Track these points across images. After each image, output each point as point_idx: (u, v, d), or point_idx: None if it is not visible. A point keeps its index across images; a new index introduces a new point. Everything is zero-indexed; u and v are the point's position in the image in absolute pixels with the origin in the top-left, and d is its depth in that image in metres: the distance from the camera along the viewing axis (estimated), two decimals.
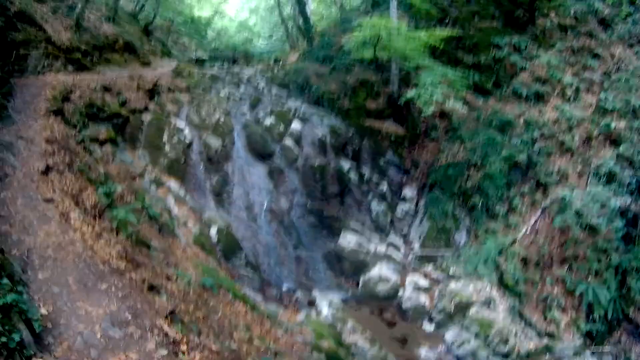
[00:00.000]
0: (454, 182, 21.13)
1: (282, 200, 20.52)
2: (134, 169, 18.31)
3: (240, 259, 17.82)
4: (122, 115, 20.05)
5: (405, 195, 22.76)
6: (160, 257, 12.78)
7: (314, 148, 21.99)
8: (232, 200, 19.90)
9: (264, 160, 21.33)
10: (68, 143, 15.22)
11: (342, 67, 26.19)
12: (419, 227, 21.38)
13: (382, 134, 23.65)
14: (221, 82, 26.29)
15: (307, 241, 19.95)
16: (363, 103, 24.29)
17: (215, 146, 20.57)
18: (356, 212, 21.44)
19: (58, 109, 16.80)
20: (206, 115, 21.68)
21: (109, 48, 27.01)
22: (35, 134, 14.51)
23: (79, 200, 12.44)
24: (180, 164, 19.89)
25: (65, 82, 18.98)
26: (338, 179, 21.46)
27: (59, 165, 13.42)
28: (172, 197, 18.40)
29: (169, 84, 24.44)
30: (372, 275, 18.95)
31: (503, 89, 24.42)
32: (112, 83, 21.36)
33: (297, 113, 23.13)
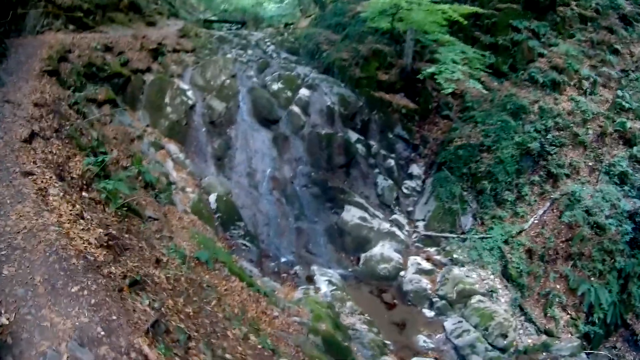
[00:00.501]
0: (464, 164, 20.51)
1: (285, 169, 19.75)
2: (132, 131, 17.42)
3: (239, 228, 17.01)
4: (123, 75, 19.23)
5: (412, 172, 22.19)
6: (152, 230, 11.74)
7: (322, 116, 21.18)
8: (233, 166, 19.12)
9: (269, 126, 20.53)
10: (59, 106, 14.06)
11: (355, 35, 25.30)
12: (425, 206, 20.76)
13: (393, 106, 22.90)
14: (228, 44, 25.52)
15: (309, 212, 19.19)
16: (375, 74, 23.43)
17: (219, 109, 19.75)
18: (361, 186, 20.71)
19: (53, 70, 15.70)
20: (211, 78, 20.84)
21: (113, 7, 26.07)
22: (24, 96, 13.24)
23: (64, 171, 11.03)
24: (182, 126, 19.13)
25: (64, 42, 18.03)
26: (345, 150, 20.66)
27: (45, 131, 11.98)
28: (171, 161, 17.67)
29: (174, 44, 23.60)
30: (374, 253, 18.28)
31: (519, 73, 23.76)
32: (114, 42, 20.49)
33: (305, 79, 22.28)
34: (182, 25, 28.88)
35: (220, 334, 9.11)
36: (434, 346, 15.37)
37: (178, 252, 11.02)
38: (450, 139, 21.85)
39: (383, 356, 13.87)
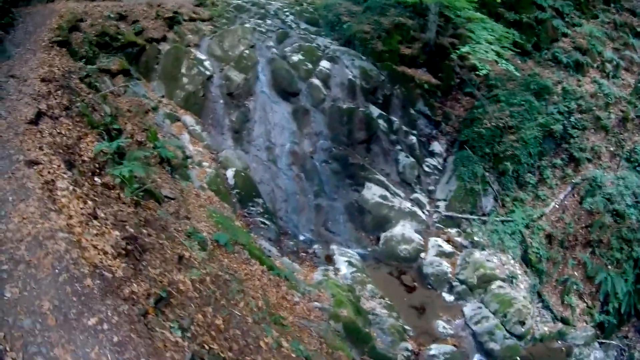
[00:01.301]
0: (487, 143, 19.98)
1: (305, 143, 19.14)
2: (147, 102, 16.81)
3: (258, 205, 16.52)
4: (138, 45, 18.62)
5: (434, 150, 21.63)
6: (169, 212, 11.13)
7: (343, 90, 20.55)
8: (251, 139, 18.53)
9: (288, 99, 19.88)
10: (70, 80, 13.17)
11: (377, 8, 24.53)
12: (446, 185, 20.26)
13: (415, 81, 22.23)
14: (246, 13, 24.78)
15: (329, 189, 18.66)
16: (397, 47, 22.70)
17: (237, 80, 19.11)
18: (382, 162, 20.13)
19: (63, 40, 15.03)
20: (229, 48, 20.20)
21: None
22: (31, 70, 12.33)
23: (74, 154, 9.98)
24: (199, 97, 18.53)
25: (76, 10, 17.37)
26: (366, 125, 20.04)
27: (53, 110, 10.99)
28: (187, 133, 17.15)
29: (190, 12, 22.92)
30: (394, 233, 17.74)
31: (543, 53, 23.26)
32: (129, 11, 19.86)
33: (326, 51, 21.62)
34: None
35: (253, 346, 8.54)
36: (453, 332, 15.05)
37: (197, 237, 10.53)
38: (472, 117, 21.31)
39: (402, 342, 13.56)
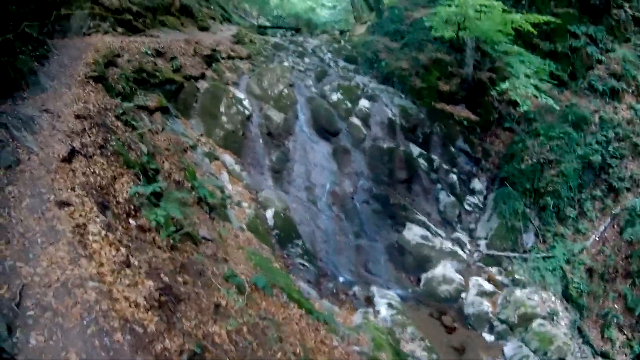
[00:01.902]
0: (527, 179, 19.67)
1: (345, 183, 18.98)
2: (185, 141, 16.67)
3: (297, 246, 16.25)
4: (176, 82, 18.59)
5: (474, 187, 21.35)
6: (207, 255, 10.97)
7: (383, 129, 20.42)
8: (291, 179, 18.42)
9: (328, 138, 19.82)
10: (105, 118, 12.80)
11: (414, 44, 24.56)
12: (487, 223, 19.93)
13: (454, 118, 22.10)
14: (284, 51, 24.93)
15: (369, 229, 18.40)
16: (435, 84, 22.67)
17: (276, 120, 19.08)
18: (423, 202, 19.90)
19: (99, 75, 14.76)
20: (268, 86, 20.23)
21: (164, 10, 25.66)
22: (65, 106, 11.96)
23: (108, 194, 9.66)
24: (238, 136, 18.45)
25: (112, 45, 17.37)
26: (407, 165, 19.87)
27: (87, 148, 10.42)
28: (226, 172, 16.96)
29: (228, 50, 23.07)
30: (435, 273, 17.40)
31: (579, 82, 22.85)
32: (166, 47, 19.92)
33: (365, 90, 21.60)
34: (236, 30, 28.45)
35: None
36: None
37: (234, 280, 10.36)
38: (512, 153, 21.07)
39: None
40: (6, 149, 8.91)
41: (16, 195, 7.96)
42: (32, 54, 13.97)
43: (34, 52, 14.16)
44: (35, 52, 14.27)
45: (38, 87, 12.50)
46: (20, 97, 11.64)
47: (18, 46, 13.17)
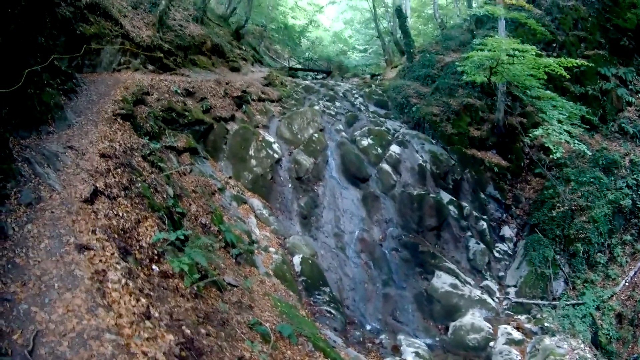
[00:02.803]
0: (557, 225, 19.30)
1: (374, 230, 18.83)
2: (213, 183, 16.75)
3: (324, 294, 16.05)
4: (205, 123, 18.80)
5: (504, 235, 20.99)
6: (233, 302, 10.75)
7: (413, 175, 20.37)
8: (320, 225, 18.31)
9: (358, 185, 19.79)
10: (131, 158, 12.66)
11: (445, 88, 24.56)
12: (517, 271, 19.50)
13: (485, 164, 21.89)
14: (315, 94, 25.06)
15: (397, 278, 18.15)
16: (466, 129, 22.59)
17: (306, 165, 19.10)
18: (452, 249, 19.61)
19: (127, 113, 14.74)
20: (298, 130, 20.30)
21: (195, 49, 25.95)
22: (90, 144, 11.74)
23: (131, 238, 9.32)
24: (267, 180, 18.51)
25: (142, 83, 17.53)
26: (437, 212, 19.66)
27: (111, 189, 10.22)
28: (254, 217, 16.95)
29: (259, 92, 23.23)
30: (464, 322, 17.00)
31: (609, 125, 22.78)
32: (196, 87, 20.16)
33: (396, 135, 21.58)
34: (267, 72, 28.73)
35: None
36: None
37: (259, 329, 10.22)
38: (543, 199, 20.78)
39: None
40: (28, 185, 8.73)
41: (35, 235, 7.71)
42: (60, 88, 13.95)
43: (62, 86, 14.13)
44: (64, 86, 14.26)
45: (64, 122, 12.45)
46: (45, 132, 11.50)
47: (46, 79, 12.96)
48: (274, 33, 50.68)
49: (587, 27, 25.81)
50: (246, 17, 39.67)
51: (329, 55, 49.55)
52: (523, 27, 23.63)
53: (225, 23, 37.82)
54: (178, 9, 27.37)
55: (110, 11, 19.49)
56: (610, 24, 25.35)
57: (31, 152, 9.89)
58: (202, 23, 29.06)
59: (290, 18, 53.81)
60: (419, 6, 49.89)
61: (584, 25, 25.88)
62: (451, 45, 30.09)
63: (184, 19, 27.08)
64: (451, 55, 28.15)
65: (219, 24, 35.38)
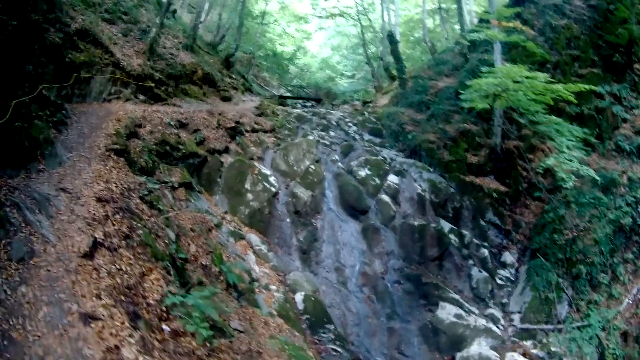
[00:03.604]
0: (559, 248, 19.04)
1: (376, 263, 18.46)
2: (210, 219, 16.30)
3: (329, 331, 15.69)
4: (199, 155, 18.54)
5: (505, 261, 20.65)
6: (243, 351, 10.27)
7: (413, 205, 20.10)
8: (320, 260, 17.96)
9: (357, 217, 19.48)
10: (129, 200, 11.92)
11: (441, 115, 24.42)
12: (520, 297, 19.24)
13: (484, 191, 21.62)
14: (308, 123, 24.88)
15: (401, 310, 17.77)
16: (464, 156, 22.38)
17: (304, 197, 18.85)
18: (455, 279, 19.30)
19: (121, 149, 14.21)
20: (294, 162, 20.05)
21: (186, 78, 25.76)
22: (85, 186, 11.03)
23: (137, 296, 8.57)
24: (264, 214, 18.19)
25: (134, 114, 17.23)
26: (438, 241, 19.36)
27: (111, 239, 9.39)
28: (252, 253, 16.58)
29: (252, 122, 23.01)
30: (471, 352, 16.64)
31: (606, 143, 22.50)
32: (189, 118, 19.94)
33: (393, 164, 21.34)
34: (258, 101, 28.64)
35: None
36: None
37: None
38: (543, 223, 20.53)
39: None
40: (18, 235, 8.07)
41: (31, 301, 6.98)
42: (50, 120, 13.43)
43: (51, 118, 13.61)
44: (53, 118, 13.74)
45: (55, 159, 11.86)
46: (35, 170, 10.91)
47: (35, 110, 12.38)
48: (262, 60, 50.74)
49: (580, 45, 25.77)
50: (236, 45, 39.64)
51: (317, 82, 49.78)
52: (516, 49, 23.56)
53: (214, 51, 37.81)
54: (168, 37, 27.23)
55: (100, 38, 19.31)
56: (603, 41, 25.36)
57: (20, 194, 9.32)
58: (192, 51, 28.91)
59: (278, 45, 53.91)
60: (407, 30, 50.11)
61: (576, 44, 25.84)
62: (444, 70, 29.99)
63: (174, 46, 26.93)
64: (444, 80, 28.11)
65: (208, 51, 35.34)
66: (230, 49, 39.58)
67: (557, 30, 26.03)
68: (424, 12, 42.52)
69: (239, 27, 40.07)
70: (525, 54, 23.11)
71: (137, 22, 24.16)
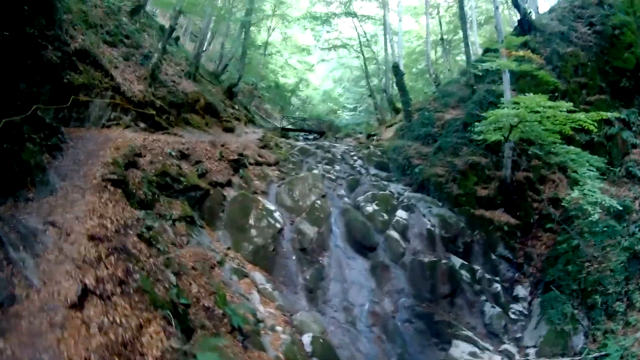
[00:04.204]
0: (573, 280, 18.55)
1: (385, 302, 17.85)
2: (213, 255, 15.56)
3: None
4: (201, 188, 17.97)
5: (518, 294, 20.17)
6: None
7: (422, 241, 19.58)
8: (327, 299, 17.34)
9: (365, 254, 18.94)
10: (126, 238, 10.70)
11: (448, 147, 24.08)
12: (535, 331, 18.63)
13: (494, 224, 21.19)
14: (312, 157, 24.55)
15: (413, 350, 17.07)
16: (473, 189, 21.98)
17: (310, 234, 18.28)
18: (467, 316, 18.71)
19: (119, 179, 13.07)
20: (299, 197, 19.57)
21: (189, 107, 25.47)
22: (77, 220, 9.88)
23: (134, 353, 7.61)
24: (269, 251, 17.56)
25: (134, 142, 16.52)
26: (449, 278, 18.81)
27: (104, 285, 8.35)
28: (256, 292, 15.89)
29: (255, 155, 22.61)
30: None
31: (616, 170, 22.34)
32: (191, 149, 19.43)
33: (400, 199, 20.92)
34: (261, 133, 28.37)
35: None
36: None
37: None
38: (556, 255, 20.00)
39: None
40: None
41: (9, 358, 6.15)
42: (43, 144, 12.54)
43: (45, 141, 12.73)
44: (47, 142, 12.86)
45: (46, 187, 10.88)
46: (23, 199, 9.95)
47: (27, 132, 11.41)
48: (264, 92, 50.76)
49: (587, 72, 25.71)
50: (239, 75, 39.60)
51: (319, 115, 49.99)
52: (524, 79, 23.37)
53: (216, 80, 37.79)
54: (170, 64, 27.02)
55: (100, 60, 18.77)
56: (609, 67, 25.48)
57: (4, 227, 8.52)
58: (194, 79, 28.73)
59: (281, 77, 53.98)
60: (409, 62, 50.40)
61: (584, 71, 25.77)
62: (450, 102, 29.78)
63: (176, 74, 26.70)
64: (450, 112, 27.90)
65: (210, 81, 35.22)
66: (233, 79, 39.51)
67: (564, 58, 25.94)
68: (427, 43, 42.56)
69: (242, 57, 40.05)
70: (533, 84, 22.87)
71: (139, 47, 23.88)
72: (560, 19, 28.45)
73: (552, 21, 28.54)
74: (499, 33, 23.36)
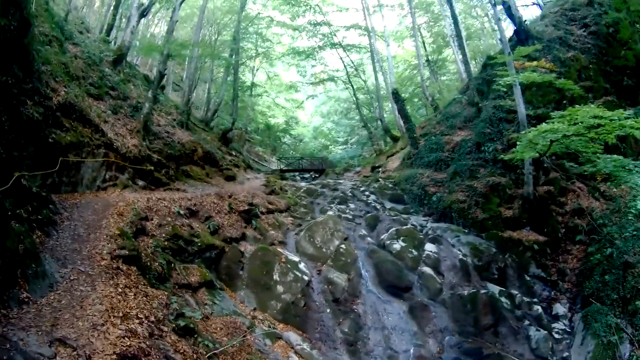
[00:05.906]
0: (612, 289, 18.00)
1: (430, 343, 16.93)
2: (240, 321, 14.23)
3: None
4: (216, 247, 16.94)
5: (557, 313, 19.44)
6: None
7: (456, 273, 18.81)
8: (369, 350, 16.35)
9: (400, 295, 18.09)
10: (162, 341, 8.88)
11: (464, 171, 23.50)
12: (581, 347, 17.90)
13: (524, 244, 20.53)
14: (321, 197, 23.74)
15: None
16: (497, 211, 21.39)
17: (341, 283, 17.44)
18: (512, 343, 17.82)
19: (131, 255, 11.55)
20: (322, 243, 18.74)
21: (187, 158, 24.75)
22: (93, 330, 7.68)
23: None
24: (299, 307, 16.57)
25: (137, 204, 15.41)
26: (491, 308, 18.02)
27: None
28: (294, 354, 14.68)
29: (265, 202, 21.84)
30: None
31: None
32: (198, 204, 18.51)
33: (425, 231, 20.12)
34: (264, 178, 27.84)
35: None
36: None
37: None
38: (591, 266, 19.44)
39: None
40: None
41: None
42: (32, 218, 10.81)
43: (34, 216, 11.01)
44: (37, 216, 11.16)
45: (43, 280, 8.83)
46: (16, 301, 7.68)
47: (10, 207, 9.24)
48: (254, 134, 50.28)
49: (591, 75, 25.65)
50: (233, 120, 39.25)
51: (312, 152, 49.50)
52: (530, 90, 22.93)
53: (207, 127, 37.16)
54: (161, 114, 26.37)
55: (88, 114, 17.67)
56: (610, 67, 25.54)
57: None
58: (187, 128, 28.08)
59: (269, 117, 53.79)
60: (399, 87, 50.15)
61: (587, 75, 25.68)
62: (455, 123, 29.21)
63: (168, 124, 26.02)
64: (458, 133, 27.37)
65: (203, 128, 34.62)
66: (222, 125, 38.97)
67: (566, 64, 25.80)
68: (420, 65, 42.41)
69: (234, 100, 39.52)
70: (540, 94, 22.45)
71: (127, 98, 22.91)
72: (555, 24, 28.36)
73: (547, 27, 28.40)
74: (504, 46, 22.91)
